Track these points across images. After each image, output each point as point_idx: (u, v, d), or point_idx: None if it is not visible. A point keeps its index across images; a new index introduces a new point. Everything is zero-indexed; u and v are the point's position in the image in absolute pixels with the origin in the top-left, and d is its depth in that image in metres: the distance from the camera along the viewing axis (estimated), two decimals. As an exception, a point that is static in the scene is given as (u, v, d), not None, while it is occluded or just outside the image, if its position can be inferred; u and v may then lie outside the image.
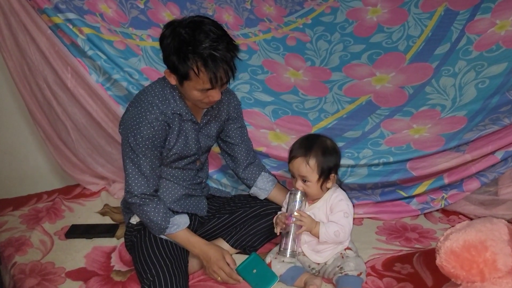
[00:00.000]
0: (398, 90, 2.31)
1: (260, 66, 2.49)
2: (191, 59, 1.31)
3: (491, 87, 2.02)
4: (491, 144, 1.77)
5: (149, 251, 1.50)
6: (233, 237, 1.69)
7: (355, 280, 1.47)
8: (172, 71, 1.38)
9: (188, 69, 1.32)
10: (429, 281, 1.53)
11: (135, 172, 1.48)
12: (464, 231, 1.18)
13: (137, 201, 1.50)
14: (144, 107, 1.45)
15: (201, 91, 1.39)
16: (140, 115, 1.44)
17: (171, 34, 1.33)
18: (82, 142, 2.05)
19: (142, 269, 1.46)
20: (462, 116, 1.98)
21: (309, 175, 1.49)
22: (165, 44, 1.35)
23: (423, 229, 1.88)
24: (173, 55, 1.33)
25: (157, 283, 1.39)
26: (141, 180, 1.48)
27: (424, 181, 1.91)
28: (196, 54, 1.30)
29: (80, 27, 1.86)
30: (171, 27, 1.34)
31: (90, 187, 2.21)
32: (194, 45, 1.30)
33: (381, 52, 2.55)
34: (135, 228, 1.61)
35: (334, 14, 2.84)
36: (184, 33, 1.30)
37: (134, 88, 1.93)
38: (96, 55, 1.88)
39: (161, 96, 1.48)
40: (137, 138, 1.43)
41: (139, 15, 2.25)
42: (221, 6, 2.67)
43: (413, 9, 2.66)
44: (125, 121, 1.48)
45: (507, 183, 1.90)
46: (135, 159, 1.47)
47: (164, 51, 1.37)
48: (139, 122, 1.43)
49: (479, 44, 2.27)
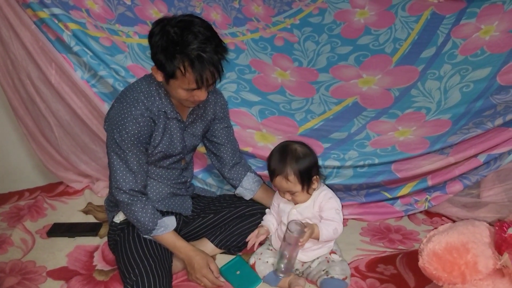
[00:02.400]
0: (384, 92, 2.33)
1: (247, 65, 2.49)
2: (179, 59, 1.30)
3: (475, 91, 2.05)
4: (474, 147, 1.79)
5: (133, 251, 1.49)
6: (217, 237, 1.68)
7: (340, 283, 1.48)
8: (159, 69, 1.37)
9: (175, 69, 1.32)
10: (412, 282, 1.55)
11: (123, 168, 1.46)
12: (446, 233, 1.19)
13: (125, 199, 1.48)
14: (129, 102, 1.44)
15: (187, 91, 1.39)
16: (125, 111, 1.43)
17: (160, 32, 1.32)
18: (65, 139, 2.02)
19: (125, 268, 1.45)
20: (447, 119, 2.00)
21: (293, 187, 1.49)
22: (153, 42, 1.34)
23: (406, 230, 1.90)
24: (160, 53, 1.32)
25: (139, 283, 1.39)
26: (129, 176, 1.47)
27: (408, 183, 1.93)
28: (183, 54, 1.30)
29: (65, 23, 1.83)
30: (161, 25, 1.33)
31: (73, 185, 2.19)
32: (182, 45, 1.29)
33: (368, 54, 2.57)
34: (118, 227, 1.60)
35: (322, 15, 2.85)
36: (173, 32, 1.30)
37: (120, 85, 1.91)
38: (82, 51, 1.86)
39: (146, 92, 1.47)
40: (122, 134, 1.42)
41: (125, 12, 2.23)
42: (209, 4, 2.66)
43: (400, 12, 2.68)
44: (110, 117, 1.47)
45: (489, 186, 1.92)
46: (122, 155, 1.45)
47: (152, 48, 1.36)
48: (124, 118, 1.42)
49: (464, 48, 2.30)
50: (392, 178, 1.88)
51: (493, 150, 1.79)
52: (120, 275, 1.50)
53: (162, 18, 1.36)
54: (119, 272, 1.51)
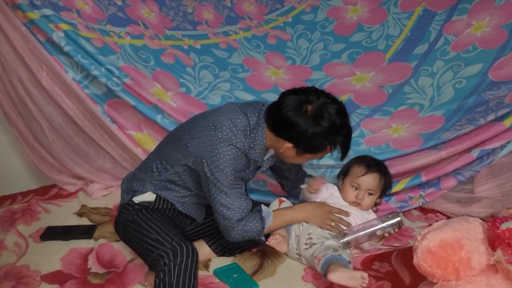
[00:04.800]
0: (378, 89, 2.33)
1: (240, 64, 2.49)
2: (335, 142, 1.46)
3: (468, 87, 2.05)
4: (466, 142, 1.80)
5: (166, 221, 1.48)
6: (215, 242, 1.67)
7: (346, 263, 1.47)
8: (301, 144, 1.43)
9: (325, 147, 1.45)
10: (407, 279, 1.55)
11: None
12: (440, 230, 1.19)
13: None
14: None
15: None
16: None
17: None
18: (58, 142, 2.00)
19: (157, 241, 1.40)
20: (440, 115, 2.01)
21: (376, 190, 1.67)
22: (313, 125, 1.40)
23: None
24: (319, 137, 1.41)
25: (180, 250, 1.35)
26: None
27: (402, 179, 1.94)
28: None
29: (57, 24, 1.82)
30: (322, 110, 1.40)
31: (67, 188, 2.17)
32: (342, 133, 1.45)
33: (361, 51, 2.57)
34: (135, 207, 1.54)
35: (315, 12, 2.84)
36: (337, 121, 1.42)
37: (113, 85, 1.90)
38: (73, 51, 1.85)
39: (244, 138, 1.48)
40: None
41: (117, 12, 2.22)
42: (201, 3, 2.65)
43: (392, 8, 2.68)
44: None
45: (482, 181, 1.93)
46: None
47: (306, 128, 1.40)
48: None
49: (456, 44, 2.30)
50: None
51: (486, 145, 1.80)
52: (144, 253, 1.45)
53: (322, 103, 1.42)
54: (141, 250, 1.47)
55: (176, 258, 1.34)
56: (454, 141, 1.83)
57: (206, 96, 2.16)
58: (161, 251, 1.38)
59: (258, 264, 1.65)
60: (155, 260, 1.38)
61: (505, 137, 1.78)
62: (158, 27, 2.37)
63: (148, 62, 2.13)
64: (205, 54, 2.42)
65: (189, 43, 2.42)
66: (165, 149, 1.58)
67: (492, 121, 1.77)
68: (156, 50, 2.21)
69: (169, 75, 2.14)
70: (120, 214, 1.59)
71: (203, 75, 2.28)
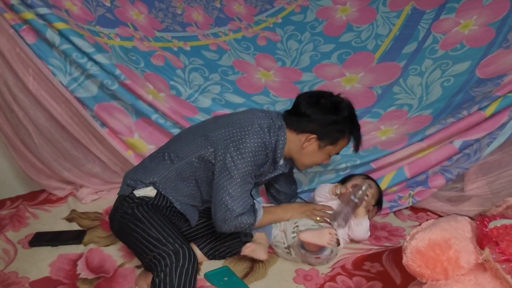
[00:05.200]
0: (367, 90, 2.33)
1: (230, 66, 2.48)
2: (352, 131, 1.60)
3: (456, 85, 2.06)
4: (446, 131, 1.84)
5: (166, 221, 1.47)
6: (207, 245, 1.67)
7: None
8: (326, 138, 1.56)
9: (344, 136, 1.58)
10: (398, 279, 1.55)
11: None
12: (429, 230, 1.18)
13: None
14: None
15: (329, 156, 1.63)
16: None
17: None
18: (46, 147, 1.98)
19: (159, 240, 1.38)
20: (428, 114, 2.01)
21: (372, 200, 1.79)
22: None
23: (392, 227, 1.91)
24: (339, 124, 1.55)
25: (183, 253, 1.34)
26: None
27: (385, 175, 1.94)
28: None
29: (52, 23, 1.79)
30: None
31: (56, 193, 2.15)
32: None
33: (350, 52, 2.57)
34: (135, 201, 1.51)
35: (304, 13, 2.84)
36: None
37: (109, 84, 1.90)
38: (69, 50, 1.83)
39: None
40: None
41: (105, 14, 2.20)
42: (190, 5, 2.64)
43: (381, 7, 2.69)
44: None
45: (472, 179, 1.94)
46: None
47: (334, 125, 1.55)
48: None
49: (444, 43, 2.31)
50: (368, 170, 1.92)
51: (467, 136, 1.81)
52: (142, 249, 1.41)
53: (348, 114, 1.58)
54: (139, 246, 1.42)
55: (178, 260, 1.33)
56: (436, 133, 1.87)
57: (196, 99, 2.15)
58: (162, 251, 1.35)
59: (249, 267, 1.64)
60: (154, 260, 1.36)
61: (486, 128, 1.81)
62: (147, 28, 2.36)
63: (138, 64, 2.12)
64: (195, 56, 2.41)
65: (178, 44, 2.41)
66: (179, 142, 1.60)
67: (474, 112, 1.79)
68: (145, 52, 2.20)
69: (159, 77, 2.13)
70: (118, 206, 1.55)
71: (193, 78, 2.27)
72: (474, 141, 1.83)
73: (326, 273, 1.61)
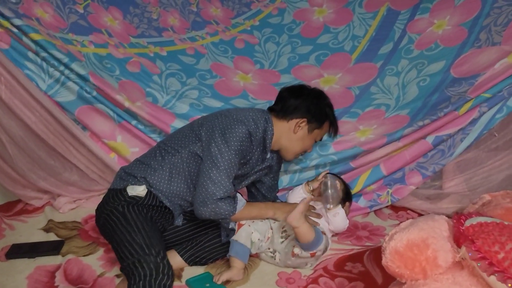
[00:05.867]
0: (345, 91, 2.35)
1: (208, 70, 2.46)
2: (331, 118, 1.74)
3: (431, 84, 2.09)
4: (422, 131, 1.88)
5: (153, 227, 1.48)
6: (187, 251, 1.65)
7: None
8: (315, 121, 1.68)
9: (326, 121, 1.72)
10: (379, 279, 1.56)
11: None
12: (407, 230, 1.19)
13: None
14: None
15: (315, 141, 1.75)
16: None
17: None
18: (20, 156, 1.93)
19: (141, 247, 1.39)
20: (405, 114, 2.04)
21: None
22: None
23: (373, 226, 1.92)
24: (325, 108, 1.71)
25: (162, 258, 1.37)
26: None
27: (362, 174, 1.96)
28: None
29: (28, 33, 1.76)
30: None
31: (32, 203, 2.10)
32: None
33: (328, 53, 2.59)
34: (127, 199, 1.52)
35: (282, 15, 2.85)
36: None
37: (86, 91, 1.88)
38: (48, 56, 1.81)
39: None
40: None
41: (78, 20, 2.17)
42: (166, 9, 2.62)
43: (357, 9, 2.71)
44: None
45: (450, 177, 1.97)
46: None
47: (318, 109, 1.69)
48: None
49: (420, 43, 2.34)
50: (347, 169, 1.95)
51: (440, 132, 1.85)
52: (121, 252, 1.42)
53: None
54: (119, 247, 1.43)
55: (158, 274, 1.34)
56: (412, 133, 1.91)
57: (174, 105, 2.13)
58: (142, 260, 1.35)
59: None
60: (133, 266, 1.36)
61: (457, 124, 1.84)
62: (122, 35, 2.33)
63: (113, 72, 2.08)
64: (172, 61, 2.39)
65: (155, 50, 2.39)
66: (172, 139, 1.65)
67: (449, 112, 1.82)
68: (121, 59, 2.17)
69: (135, 84, 2.10)
70: (108, 200, 1.55)
71: (170, 83, 2.25)
72: (446, 136, 1.86)
73: (309, 275, 1.61)
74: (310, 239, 1.52)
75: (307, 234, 1.52)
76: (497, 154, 1.89)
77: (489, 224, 1.14)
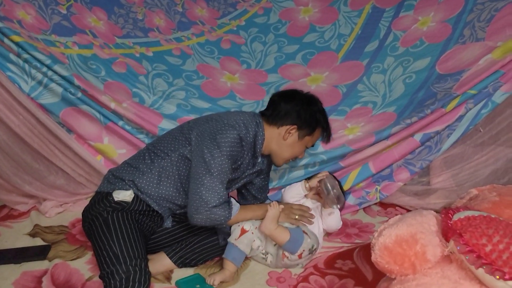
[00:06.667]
0: (332, 89, 2.35)
1: (195, 71, 2.45)
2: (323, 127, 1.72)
3: (417, 81, 2.11)
4: (410, 129, 1.88)
5: (135, 235, 1.47)
6: (177, 253, 1.64)
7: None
8: (305, 127, 1.66)
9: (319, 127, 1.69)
10: (369, 275, 1.57)
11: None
12: (396, 226, 1.19)
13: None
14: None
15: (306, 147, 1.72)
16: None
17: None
18: (5, 161, 1.89)
19: (117, 258, 1.41)
20: (392, 112, 2.05)
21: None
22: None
23: (362, 223, 1.93)
24: (316, 114, 1.68)
25: (136, 264, 1.40)
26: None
27: (351, 172, 1.96)
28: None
29: (9, 36, 1.74)
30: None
31: (18, 207, 2.07)
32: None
33: (314, 52, 2.59)
34: (112, 205, 1.51)
35: (267, 15, 2.85)
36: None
37: (71, 93, 1.86)
38: (31, 59, 1.78)
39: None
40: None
41: (61, 21, 2.14)
42: (151, 9, 2.60)
43: (342, 7, 2.72)
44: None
45: (438, 173, 1.98)
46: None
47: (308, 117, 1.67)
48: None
49: (405, 40, 2.36)
50: (337, 168, 1.95)
51: (428, 129, 1.86)
52: (99, 257, 1.45)
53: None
54: (98, 253, 1.46)
55: (128, 282, 1.37)
56: (400, 131, 1.91)
57: (161, 105, 2.12)
58: (115, 272, 1.39)
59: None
60: (106, 278, 1.39)
61: (445, 121, 1.86)
62: (107, 35, 2.30)
63: (99, 73, 2.06)
64: (158, 62, 2.37)
65: (141, 50, 2.37)
66: (161, 142, 1.64)
67: (436, 109, 1.83)
68: (106, 60, 2.15)
69: (121, 85, 2.08)
70: (94, 203, 1.55)
71: (156, 84, 2.23)
72: (434, 133, 1.88)
73: (299, 273, 1.61)
74: (286, 239, 1.54)
75: (281, 236, 1.54)
76: (483, 149, 1.90)
77: (476, 218, 1.15)
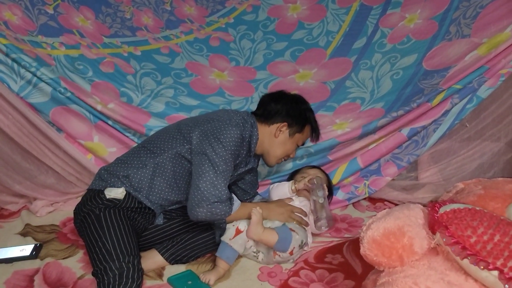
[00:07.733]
0: (321, 85, 2.37)
1: (184, 69, 2.46)
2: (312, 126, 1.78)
3: (405, 77, 2.13)
4: (397, 123, 1.92)
5: (127, 231, 1.48)
6: (168, 250, 1.64)
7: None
8: (295, 125, 1.71)
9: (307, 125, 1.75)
10: (359, 269, 1.59)
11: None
12: (384, 219, 1.22)
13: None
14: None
15: (297, 146, 1.77)
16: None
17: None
18: (-6, 161, 1.89)
19: (110, 255, 1.42)
20: (380, 107, 2.07)
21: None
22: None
23: (352, 218, 1.95)
24: (305, 112, 1.74)
25: (129, 261, 1.41)
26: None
27: (339, 166, 1.99)
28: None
29: None
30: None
31: (8, 207, 2.06)
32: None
33: (303, 49, 2.61)
34: (104, 202, 1.52)
35: (256, 12, 2.86)
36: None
37: (61, 92, 1.86)
38: (19, 59, 1.78)
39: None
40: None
41: (48, 22, 2.13)
42: (139, 8, 2.60)
43: (330, 5, 2.74)
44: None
45: (425, 167, 2.01)
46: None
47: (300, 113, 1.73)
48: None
49: (392, 37, 2.39)
50: (325, 162, 1.98)
51: (414, 124, 1.88)
52: (92, 254, 1.46)
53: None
54: (90, 250, 1.47)
55: (121, 278, 1.38)
56: (387, 125, 1.94)
57: (149, 104, 2.12)
58: (108, 269, 1.39)
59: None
60: (99, 274, 1.40)
61: (431, 115, 1.89)
62: (95, 35, 2.30)
63: (86, 74, 2.06)
64: (146, 61, 2.37)
65: (129, 50, 2.37)
66: (157, 139, 1.64)
67: (422, 103, 1.86)
68: (94, 60, 2.14)
69: (109, 85, 2.08)
70: (86, 201, 1.55)
71: (145, 83, 2.24)
72: (421, 128, 1.91)
73: (290, 268, 1.62)
74: (275, 240, 1.55)
75: (269, 239, 1.56)
76: (469, 144, 1.93)
77: (462, 210, 1.17)
